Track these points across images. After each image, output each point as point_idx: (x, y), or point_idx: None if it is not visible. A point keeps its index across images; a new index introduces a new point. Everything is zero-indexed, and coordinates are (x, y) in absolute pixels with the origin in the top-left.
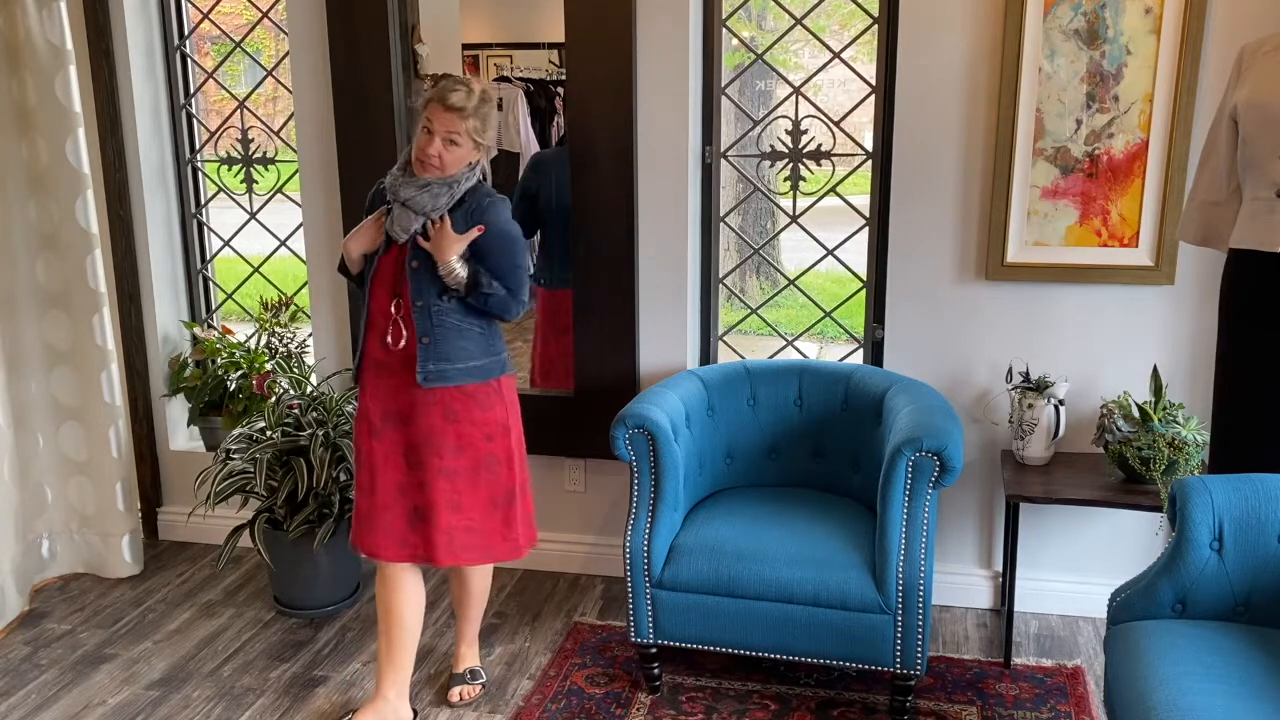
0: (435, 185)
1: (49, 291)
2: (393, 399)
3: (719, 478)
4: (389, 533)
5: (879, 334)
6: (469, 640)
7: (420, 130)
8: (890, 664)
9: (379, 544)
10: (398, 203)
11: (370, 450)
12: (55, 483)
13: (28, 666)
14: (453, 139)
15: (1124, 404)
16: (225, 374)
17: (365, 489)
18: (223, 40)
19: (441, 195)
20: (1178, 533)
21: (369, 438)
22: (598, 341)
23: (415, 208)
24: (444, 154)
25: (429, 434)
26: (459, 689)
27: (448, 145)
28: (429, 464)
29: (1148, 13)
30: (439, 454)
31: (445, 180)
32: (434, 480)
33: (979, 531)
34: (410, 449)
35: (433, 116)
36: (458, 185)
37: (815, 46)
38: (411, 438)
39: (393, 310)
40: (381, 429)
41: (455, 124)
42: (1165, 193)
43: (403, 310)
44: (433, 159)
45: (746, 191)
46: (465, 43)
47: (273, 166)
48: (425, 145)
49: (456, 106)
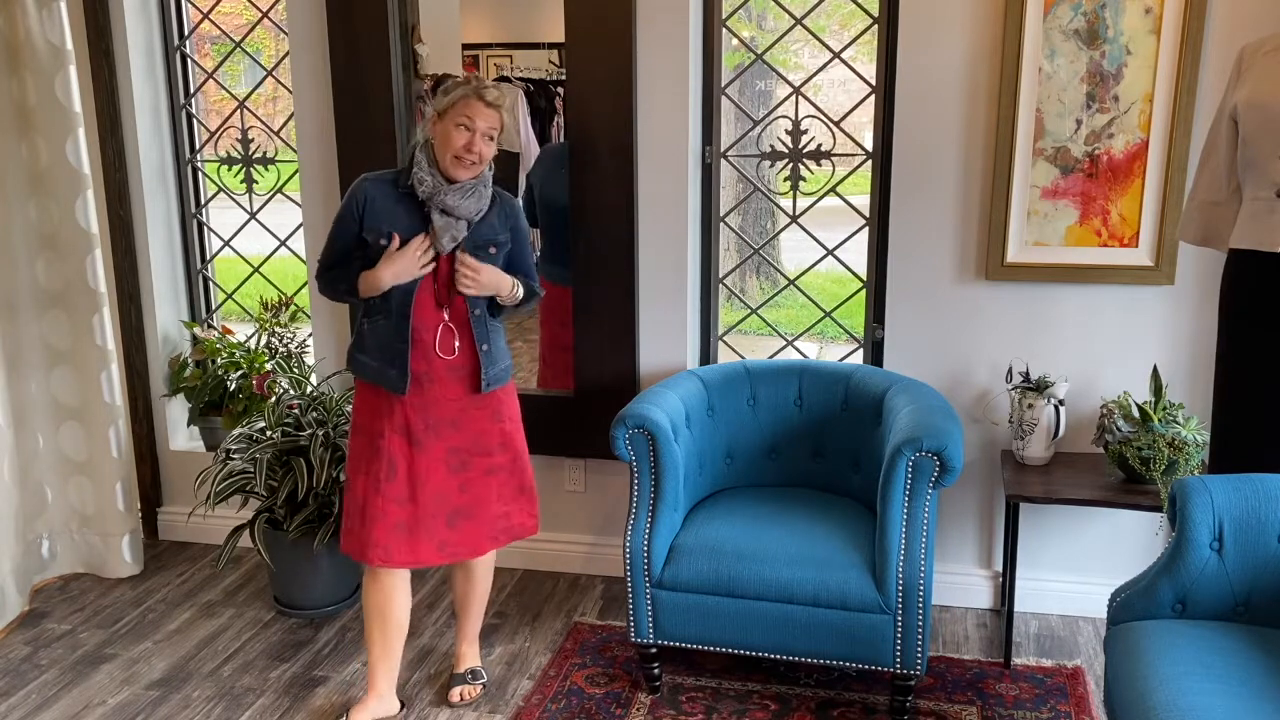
0: (476, 188)
1: (49, 291)
2: (438, 408)
3: (719, 478)
4: (430, 538)
5: (879, 334)
6: (471, 639)
7: (454, 129)
8: (890, 664)
9: (421, 552)
10: (437, 211)
11: (411, 461)
12: (55, 483)
13: (28, 666)
14: (491, 134)
15: (1124, 404)
16: (225, 374)
17: (401, 499)
18: (223, 40)
19: (483, 197)
20: (1178, 533)
21: (409, 449)
22: (598, 341)
23: (461, 214)
24: (485, 151)
25: (478, 436)
26: (460, 689)
27: (487, 141)
28: (474, 464)
29: (1148, 13)
30: (487, 453)
31: (480, 180)
32: (480, 479)
33: (979, 531)
34: (453, 453)
35: (472, 113)
36: (489, 183)
37: (815, 46)
38: (458, 443)
39: (446, 320)
40: (424, 439)
41: (494, 119)
42: (1165, 193)
43: (455, 320)
44: (475, 155)
45: (746, 191)
46: (465, 43)
47: (273, 166)
48: (467, 142)
49: (496, 103)
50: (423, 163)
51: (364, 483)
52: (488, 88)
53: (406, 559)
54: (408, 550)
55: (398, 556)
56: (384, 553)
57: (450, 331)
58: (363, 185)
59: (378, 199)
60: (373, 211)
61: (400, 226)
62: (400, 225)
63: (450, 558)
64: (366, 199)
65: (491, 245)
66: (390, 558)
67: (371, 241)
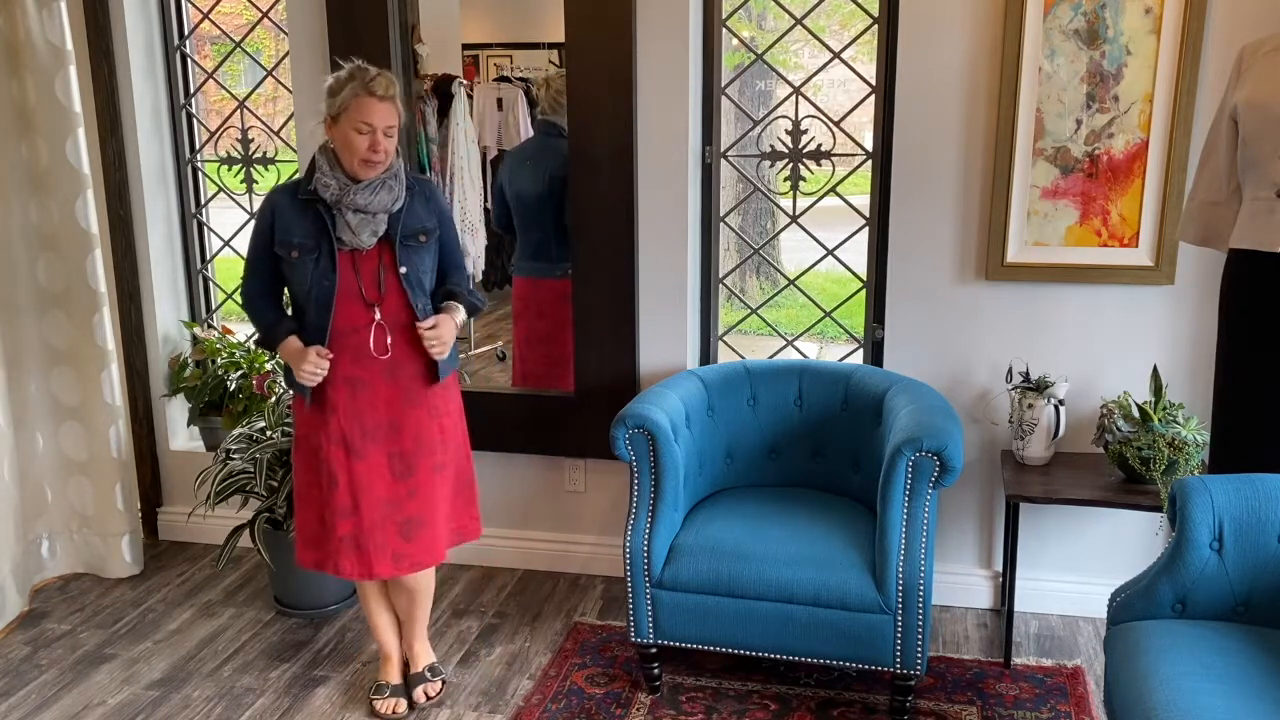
0: (385, 181)
1: (49, 291)
2: (374, 412)
3: (719, 478)
4: (381, 551)
5: (879, 334)
6: (420, 638)
7: (352, 133)
8: (890, 664)
9: (373, 565)
10: (351, 211)
11: (351, 470)
12: (55, 483)
13: (28, 666)
14: (390, 130)
15: (1124, 404)
16: (225, 374)
17: (344, 511)
18: (223, 40)
19: (394, 188)
20: (1178, 533)
21: (347, 459)
22: (598, 341)
23: (376, 209)
24: (389, 146)
25: (419, 435)
26: (421, 688)
27: (388, 138)
28: (420, 466)
29: (1148, 13)
30: (429, 452)
31: (390, 172)
32: (428, 481)
33: (979, 531)
34: (396, 458)
35: (367, 115)
36: (400, 173)
37: (815, 46)
38: (399, 446)
39: (378, 319)
40: (364, 447)
41: (390, 114)
42: (1165, 193)
43: (388, 318)
44: (380, 156)
45: (746, 191)
46: (465, 43)
47: (273, 166)
48: (369, 146)
49: (387, 94)
50: (324, 166)
51: (309, 497)
52: (375, 79)
53: (359, 572)
54: (358, 563)
55: (349, 570)
56: (334, 566)
57: (383, 329)
58: (271, 196)
59: (283, 208)
60: (281, 223)
61: (304, 233)
62: (304, 232)
63: (411, 568)
64: (274, 209)
65: (421, 234)
66: (340, 571)
67: (283, 255)
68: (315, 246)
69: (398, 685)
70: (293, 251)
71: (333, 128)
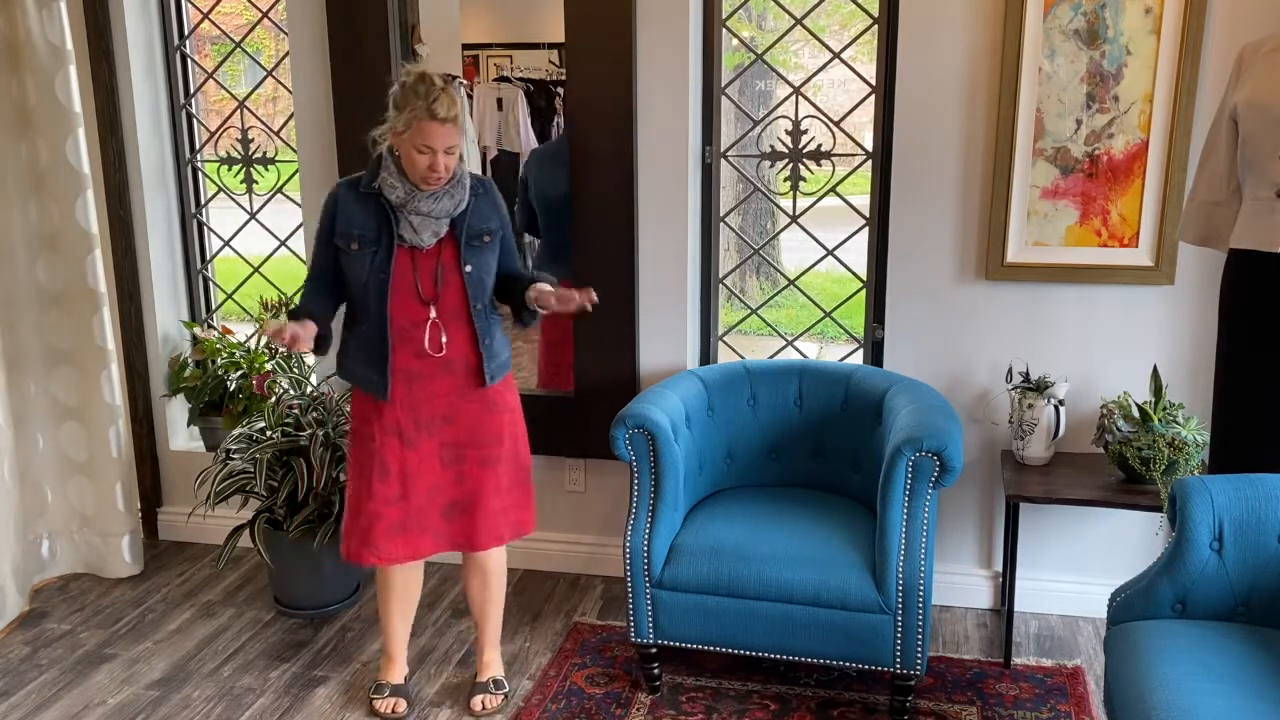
0: (449, 189)
1: (49, 291)
2: (430, 405)
3: (719, 478)
4: (424, 530)
5: (879, 334)
6: (491, 645)
7: (415, 152)
8: (890, 664)
9: (418, 545)
10: (414, 215)
11: (403, 460)
12: (55, 483)
13: (28, 666)
14: (451, 150)
15: (1124, 404)
16: (225, 374)
17: (392, 499)
18: (223, 40)
19: (457, 194)
20: (1178, 533)
21: (401, 448)
22: (598, 341)
23: (439, 215)
24: (450, 163)
25: (472, 429)
26: (481, 698)
27: (450, 155)
28: (469, 457)
29: (1148, 13)
30: (481, 445)
31: (454, 181)
32: (475, 471)
33: (979, 531)
34: (446, 448)
35: (428, 138)
36: (464, 179)
37: (815, 46)
38: (452, 437)
39: (433, 316)
40: (417, 437)
41: (451, 135)
42: (1165, 193)
43: (443, 315)
44: (440, 175)
45: (746, 191)
46: (465, 43)
47: (273, 166)
48: (429, 166)
49: (449, 116)
50: (391, 168)
51: (358, 487)
52: (438, 100)
53: (404, 554)
54: (404, 546)
55: (394, 554)
56: (376, 554)
57: (438, 327)
58: (334, 189)
59: (346, 201)
60: (343, 215)
61: (364, 227)
62: (364, 225)
63: (448, 545)
64: (337, 202)
65: (485, 234)
66: (382, 558)
67: (342, 246)
68: (375, 240)
69: (399, 685)
70: (352, 243)
71: (397, 137)
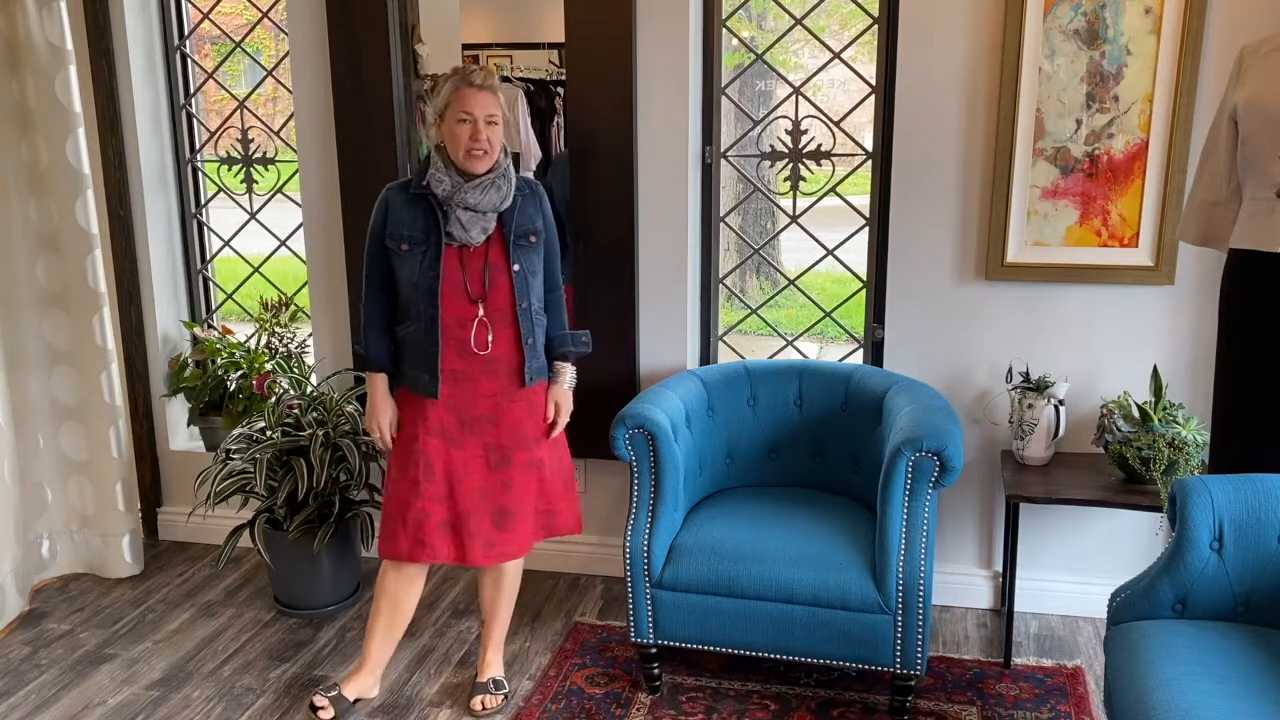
0: (495, 180)
1: (49, 291)
2: (474, 405)
3: (719, 478)
4: (475, 538)
5: (879, 334)
6: (496, 646)
7: (456, 125)
8: (890, 664)
9: (467, 551)
10: (461, 209)
11: (449, 459)
12: (55, 483)
13: (28, 666)
14: (492, 119)
15: (1124, 404)
16: (225, 374)
17: (440, 498)
18: (223, 40)
19: (503, 187)
20: (1178, 533)
21: (445, 449)
22: (598, 341)
23: (486, 208)
24: (492, 137)
25: (515, 430)
26: (481, 698)
27: (491, 126)
28: (515, 459)
29: (1148, 13)
30: (525, 447)
31: (499, 171)
32: (520, 475)
33: (979, 531)
34: (492, 450)
35: (466, 105)
36: (510, 173)
37: (815, 46)
38: (497, 439)
39: (481, 314)
40: (461, 437)
41: (491, 102)
42: (1165, 193)
43: (491, 314)
44: (483, 145)
45: (746, 191)
46: (465, 43)
47: (273, 166)
48: (472, 135)
49: (485, 84)
50: (439, 163)
51: (404, 487)
52: (473, 71)
53: (453, 556)
54: (454, 547)
55: (443, 553)
56: (431, 552)
57: (485, 326)
58: (384, 192)
59: (397, 204)
60: (393, 217)
61: (413, 227)
62: (414, 226)
63: (499, 558)
64: (387, 204)
65: (531, 234)
66: (437, 555)
67: (393, 248)
68: (424, 240)
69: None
70: (402, 245)
71: (441, 126)
